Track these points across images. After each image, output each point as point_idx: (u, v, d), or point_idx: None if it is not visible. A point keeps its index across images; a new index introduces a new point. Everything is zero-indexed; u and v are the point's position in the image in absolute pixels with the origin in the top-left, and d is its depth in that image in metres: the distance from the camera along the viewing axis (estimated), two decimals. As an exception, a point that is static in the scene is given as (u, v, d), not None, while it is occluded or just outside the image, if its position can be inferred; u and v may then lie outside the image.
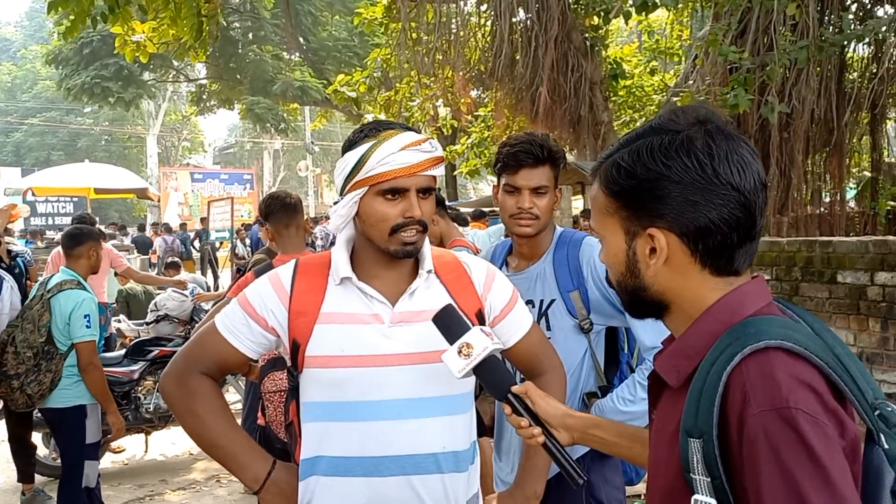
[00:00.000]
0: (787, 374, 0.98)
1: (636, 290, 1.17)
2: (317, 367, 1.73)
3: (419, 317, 1.74)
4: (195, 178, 30.49)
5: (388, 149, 1.69)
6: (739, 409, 0.98)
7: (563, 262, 2.33)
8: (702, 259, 1.10)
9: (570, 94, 9.18)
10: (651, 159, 1.09)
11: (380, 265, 1.78)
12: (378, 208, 1.71)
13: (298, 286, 1.78)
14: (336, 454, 1.73)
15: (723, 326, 1.08)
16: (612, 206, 1.16)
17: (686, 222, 1.08)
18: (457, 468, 1.77)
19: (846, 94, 8.39)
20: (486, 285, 1.87)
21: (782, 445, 0.94)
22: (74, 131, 41.77)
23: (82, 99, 24.57)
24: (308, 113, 30.59)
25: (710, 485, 1.00)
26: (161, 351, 6.20)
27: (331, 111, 21.50)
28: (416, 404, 1.73)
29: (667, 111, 1.16)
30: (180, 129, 45.30)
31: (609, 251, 1.19)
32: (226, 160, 49.95)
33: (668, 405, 1.16)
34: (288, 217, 3.79)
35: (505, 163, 2.32)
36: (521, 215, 2.29)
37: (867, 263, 4.72)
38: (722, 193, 1.07)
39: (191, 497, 5.53)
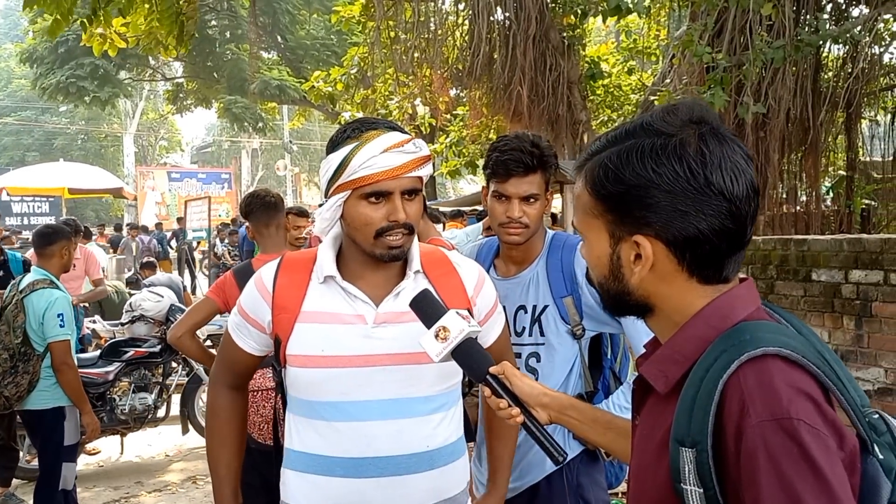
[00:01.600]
0: (785, 384, 0.94)
1: (619, 294, 1.14)
2: (297, 367, 1.72)
3: (403, 317, 1.72)
4: (172, 178, 30.24)
5: (370, 151, 1.66)
6: (737, 418, 0.94)
7: (557, 268, 2.28)
8: (689, 268, 1.06)
9: (548, 93, 9.18)
10: (641, 164, 1.04)
11: (366, 267, 1.76)
12: (362, 212, 1.68)
13: (281, 282, 1.77)
14: (317, 452, 1.72)
15: (714, 331, 1.04)
16: (597, 208, 1.11)
17: (674, 231, 1.04)
18: (441, 465, 1.76)
19: (822, 93, 8.46)
20: (477, 288, 1.85)
21: (783, 457, 0.90)
22: (50, 130, 41.28)
23: (58, 98, 24.29)
24: (286, 112, 30.43)
25: (703, 496, 0.97)
26: (136, 352, 6.15)
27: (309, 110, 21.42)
28: (400, 405, 1.71)
29: (660, 109, 1.10)
30: (157, 128, 44.88)
31: (592, 252, 1.15)
32: (203, 159, 49.58)
33: (654, 411, 1.12)
34: (268, 216, 3.76)
35: (494, 170, 2.24)
36: (510, 225, 2.23)
37: (841, 262, 4.76)
38: (713, 204, 1.02)
39: (166, 499, 5.49)
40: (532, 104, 9.12)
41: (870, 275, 4.56)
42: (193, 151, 52.16)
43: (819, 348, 1.04)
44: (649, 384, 1.12)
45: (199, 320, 3.66)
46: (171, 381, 6.50)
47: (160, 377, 6.37)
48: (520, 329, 2.28)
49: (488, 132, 11.52)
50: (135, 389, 6.14)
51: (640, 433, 1.16)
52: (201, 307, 3.67)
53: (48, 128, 41.24)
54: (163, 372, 6.40)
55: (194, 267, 17.75)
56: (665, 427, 1.04)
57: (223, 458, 1.93)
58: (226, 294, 3.56)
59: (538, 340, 2.26)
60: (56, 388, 4.12)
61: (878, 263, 4.52)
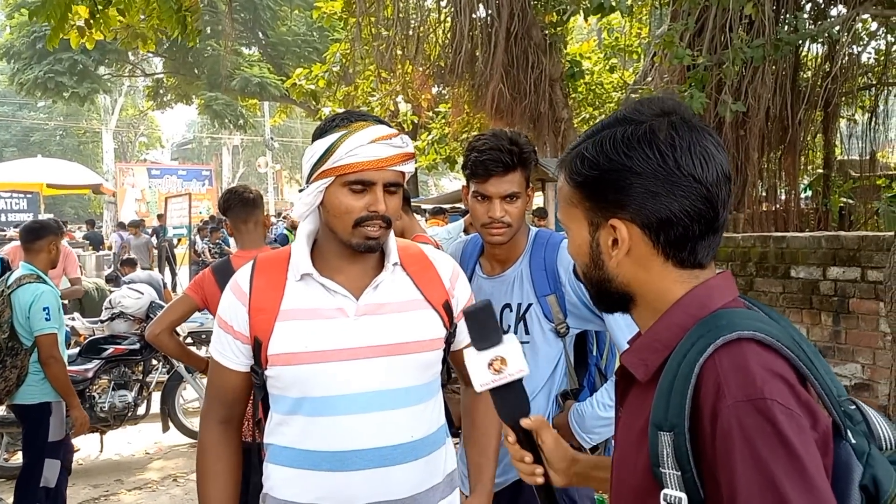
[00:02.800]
0: (760, 366, 0.97)
1: (601, 282, 1.17)
2: (280, 365, 1.71)
3: (384, 309, 1.73)
4: (152, 175, 29.96)
5: (358, 140, 1.66)
6: (713, 400, 0.97)
7: (540, 266, 2.27)
8: (664, 251, 1.10)
9: (529, 90, 9.21)
10: (613, 150, 1.09)
11: (343, 258, 1.76)
12: (343, 200, 1.68)
13: (257, 284, 1.76)
14: (301, 447, 1.71)
15: (692, 319, 1.08)
16: (576, 196, 1.15)
17: (647, 213, 1.08)
18: (425, 455, 1.76)
19: (800, 92, 8.54)
20: (452, 280, 1.87)
21: (757, 436, 0.93)
22: (28, 126, 40.86)
23: (35, 94, 24.02)
24: (267, 109, 30.29)
25: (681, 478, 0.99)
26: (116, 349, 6.09)
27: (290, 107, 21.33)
28: (383, 396, 1.71)
29: (633, 102, 1.15)
30: (137, 124, 44.53)
31: (574, 242, 1.19)
32: (184, 156, 49.28)
33: (636, 401, 1.15)
34: (246, 213, 3.73)
35: (473, 170, 2.22)
36: (493, 225, 2.22)
37: (820, 258, 4.81)
38: (683, 185, 1.06)
39: (146, 497, 5.45)
40: (514, 102, 9.15)
41: (847, 272, 4.61)
42: (174, 148, 51.82)
43: (797, 338, 1.07)
44: (632, 375, 1.15)
45: (176, 318, 3.64)
46: (151, 378, 6.45)
47: (140, 374, 6.32)
48: (505, 328, 2.28)
49: (470, 129, 11.54)
50: (114, 387, 6.09)
51: (623, 424, 1.19)
52: (179, 304, 3.64)
53: (26, 123, 40.83)
54: (143, 369, 6.34)
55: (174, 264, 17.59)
56: (646, 415, 1.06)
57: (214, 497, 1.83)
58: (204, 291, 3.54)
59: (523, 339, 2.26)
60: (44, 384, 4.11)
61: (855, 260, 4.57)
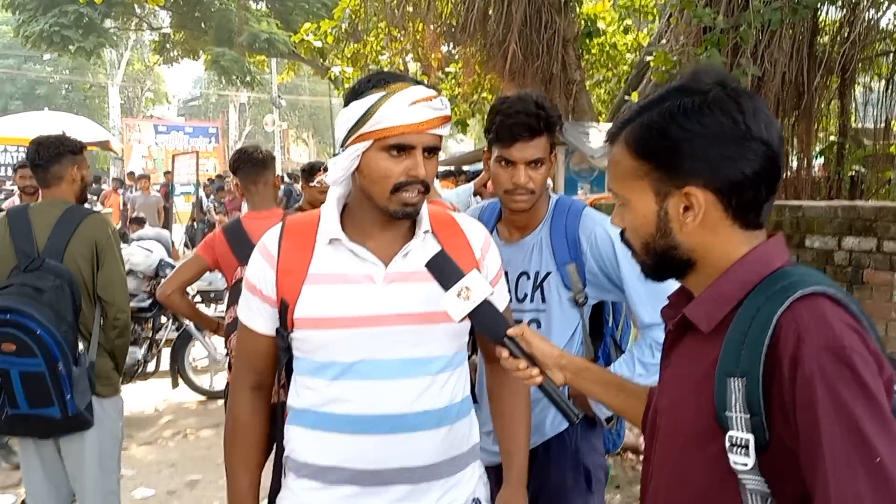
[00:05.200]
0: (836, 318, 1.05)
1: (666, 250, 1.21)
2: (307, 329, 1.69)
3: (413, 277, 1.70)
4: (159, 131, 29.81)
5: (398, 102, 1.61)
6: (793, 348, 1.04)
7: (561, 234, 2.23)
8: (734, 214, 1.16)
9: (542, 51, 9.07)
10: (685, 118, 1.13)
11: (375, 225, 1.73)
12: (382, 164, 1.64)
13: (285, 246, 1.74)
14: (325, 410, 1.70)
15: (755, 276, 1.15)
16: (642, 168, 1.19)
17: (722, 178, 1.13)
18: (449, 423, 1.74)
19: (817, 57, 8.40)
20: (484, 248, 1.83)
21: (838, 381, 1.00)
22: (33, 79, 40.58)
23: (41, 47, 23.78)
24: (275, 66, 30.00)
25: (749, 421, 1.07)
26: (125, 306, 6.11)
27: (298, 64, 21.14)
28: (410, 365, 1.69)
29: (685, 75, 1.19)
30: (143, 79, 44.19)
31: (637, 213, 1.22)
32: (190, 113, 48.98)
33: (693, 351, 1.21)
34: (256, 173, 3.70)
35: (498, 134, 2.17)
36: (516, 191, 2.17)
37: (835, 228, 4.76)
38: (754, 148, 1.12)
39: (157, 451, 5.51)
40: (526, 62, 9.02)
41: (863, 242, 4.57)
42: (180, 105, 51.50)
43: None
44: (684, 327, 1.23)
45: (188, 277, 3.65)
46: (160, 335, 6.48)
47: (150, 332, 6.36)
48: (521, 295, 2.26)
49: (481, 91, 11.41)
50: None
51: (673, 373, 1.27)
52: (190, 264, 3.65)
53: (31, 76, 40.54)
54: (152, 326, 6.38)
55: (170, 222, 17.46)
56: (707, 363, 1.14)
57: (244, 467, 1.84)
58: (215, 251, 3.54)
59: (539, 307, 2.24)
60: None
61: (871, 231, 4.52)
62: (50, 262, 3.02)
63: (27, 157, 3.31)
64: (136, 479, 4.91)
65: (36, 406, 2.93)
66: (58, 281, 2.99)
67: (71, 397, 2.93)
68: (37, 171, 3.27)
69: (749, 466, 1.06)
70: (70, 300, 3.02)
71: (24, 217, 3.13)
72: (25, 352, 2.84)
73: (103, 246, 3.19)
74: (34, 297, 2.91)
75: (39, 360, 2.84)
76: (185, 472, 5.10)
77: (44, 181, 3.27)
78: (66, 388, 2.91)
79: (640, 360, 2.16)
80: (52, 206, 3.21)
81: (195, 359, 6.69)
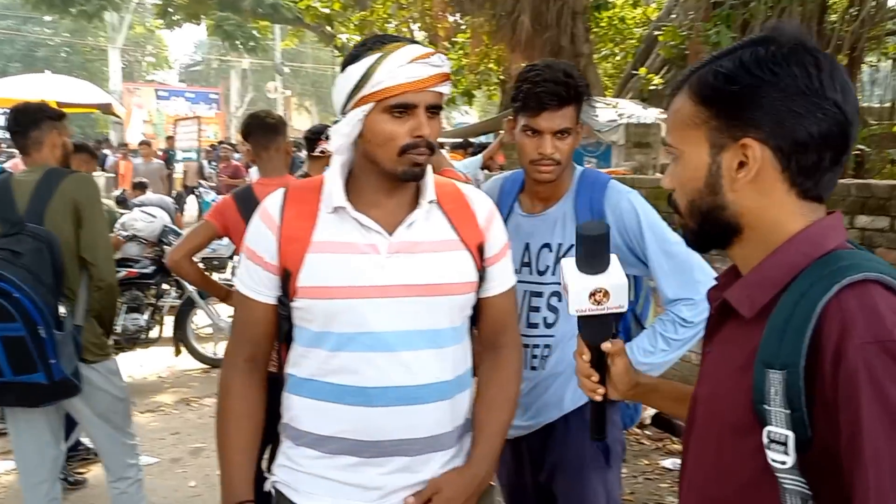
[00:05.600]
0: (889, 308, 0.95)
1: (712, 210, 1.12)
2: (309, 298, 1.66)
3: (418, 248, 1.67)
4: (160, 96, 29.63)
5: (396, 61, 1.58)
6: (837, 340, 0.94)
7: (586, 206, 2.18)
8: (791, 177, 1.06)
9: (551, 23, 8.98)
10: (757, 65, 1.05)
11: (380, 191, 1.69)
12: (386, 127, 1.60)
13: (288, 213, 1.70)
14: (326, 380, 1.68)
15: (805, 259, 1.05)
16: (701, 115, 1.10)
17: (785, 133, 1.04)
18: (450, 396, 1.72)
19: (826, 35, 8.34)
20: (488, 220, 1.80)
21: (885, 378, 0.91)
22: (33, 41, 40.22)
23: (41, 8, 23.53)
24: (279, 32, 29.72)
25: (789, 417, 0.98)
26: (128, 272, 6.10)
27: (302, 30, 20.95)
28: (412, 336, 1.67)
29: (767, 27, 1.11)
30: (145, 43, 43.79)
31: (688, 166, 1.13)
32: (191, 78, 48.58)
33: (734, 337, 1.12)
34: (267, 139, 3.65)
35: (525, 103, 2.11)
36: (542, 161, 2.12)
37: (848, 206, 4.72)
38: (826, 108, 1.03)
39: (160, 419, 5.52)
40: (535, 34, 8.93)
41: (876, 220, 4.53)
42: (181, 69, 51.11)
43: None
44: (727, 311, 1.13)
45: (197, 244, 3.61)
46: (163, 302, 6.48)
47: (153, 299, 6.35)
48: (543, 268, 2.23)
49: (488, 62, 11.31)
50: (127, 310, 6.12)
51: (714, 359, 1.18)
52: (200, 231, 3.61)
53: (31, 38, 40.17)
54: (155, 293, 6.37)
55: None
56: (748, 351, 1.05)
57: (237, 441, 1.76)
58: (224, 218, 3.50)
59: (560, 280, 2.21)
60: None
61: (884, 210, 4.49)
62: (30, 226, 2.93)
63: (7, 125, 3.24)
64: (139, 446, 4.91)
65: (20, 372, 2.84)
66: (36, 244, 2.89)
67: (56, 362, 2.85)
68: (16, 137, 3.18)
69: (788, 465, 0.98)
70: (49, 262, 2.92)
71: (6, 185, 3.06)
72: (4, 316, 2.76)
73: (84, 205, 3.09)
74: (11, 260, 2.81)
75: (19, 324, 2.76)
76: (188, 440, 5.12)
77: (24, 148, 3.19)
78: (49, 352, 2.83)
79: (663, 335, 2.13)
80: (33, 171, 3.14)
81: (198, 326, 6.67)
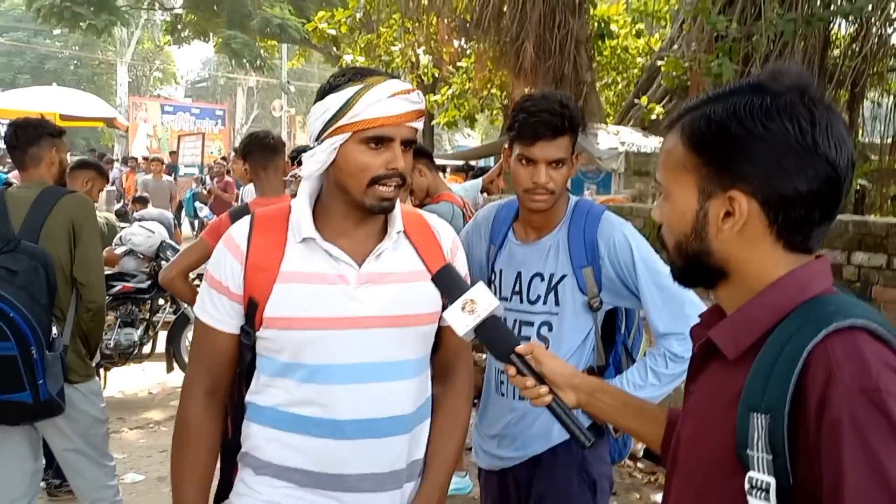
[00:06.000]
0: (874, 356, 0.94)
1: (698, 255, 1.12)
2: (277, 329, 1.64)
3: (386, 278, 1.67)
4: (165, 111, 29.70)
5: (377, 95, 1.59)
6: (822, 387, 0.94)
7: (579, 237, 2.19)
8: (778, 231, 1.06)
9: (555, 50, 9.04)
10: (749, 116, 1.03)
11: (349, 221, 1.69)
12: (360, 157, 1.61)
13: (255, 242, 1.68)
14: (290, 411, 1.66)
15: (790, 302, 1.04)
16: (692, 161, 1.09)
17: (772, 189, 1.03)
18: (414, 427, 1.73)
19: (828, 70, 8.37)
20: (453, 250, 1.82)
21: (869, 428, 0.90)
22: (42, 53, 40.45)
23: (52, 22, 23.70)
24: (286, 51, 29.92)
25: (772, 462, 0.96)
26: (124, 287, 6.08)
27: (309, 51, 21.10)
28: (380, 368, 1.67)
29: (767, 71, 1.09)
30: (152, 58, 44.07)
31: (675, 209, 1.13)
32: (198, 94, 48.85)
33: (717, 377, 1.12)
34: (266, 158, 3.66)
35: (520, 132, 2.14)
36: (535, 190, 2.14)
37: (845, 243, 4.71)
38: (817, 165, 1.01)
39: (148, 436, 5.48)
40: (538, 61, 8.98)
41: (873, 258, 4.53)
42: (188, 85, 51.39)
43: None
44: (711, 350, 1.12)
45: (192, 262, 3.61)
46: (157, 318, 6.46)
47: (147, 313, 6.33)
48: (534, 297, 2.22)
49: (491, 87, 11.37)
50: (121, 324, 6.10)
51: (697, 398, 1.17)
52: (195, 249, 3.61)
53: (41, 50, 40.42)
54: (150, 308, 6.35)
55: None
56: (731, 393, 1.04)
57: (190, 476, 1.73)
58: (220, 236, 3.49)
59: (552, 310, 2.20)
60: None
61: (882, 247, 4.48)
62: (25, 244, 2.90)
63: (4, 140, 3.22)
64: (126, 463, 4.88)
65: (6, 391, 2.80)
66: (32, 262, 2.88)
67: (43, 382, 2.82)
68: (14, 152, 3.17)
69: None
70: (45, 282, 2.91)
71: (1, 201, 3.04)
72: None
73: (80, 225, 3.10)
74: (7, 279, 2.80)
75: (11, 343, 2.73)
76: (176, 456, 5.07)
77: (21, 163, 3.18)
78: (38, 372, 2.79)
79: (653, 370, 2.12)
80: (29, 188, 3.13)
81: (192, 342, 6.63)
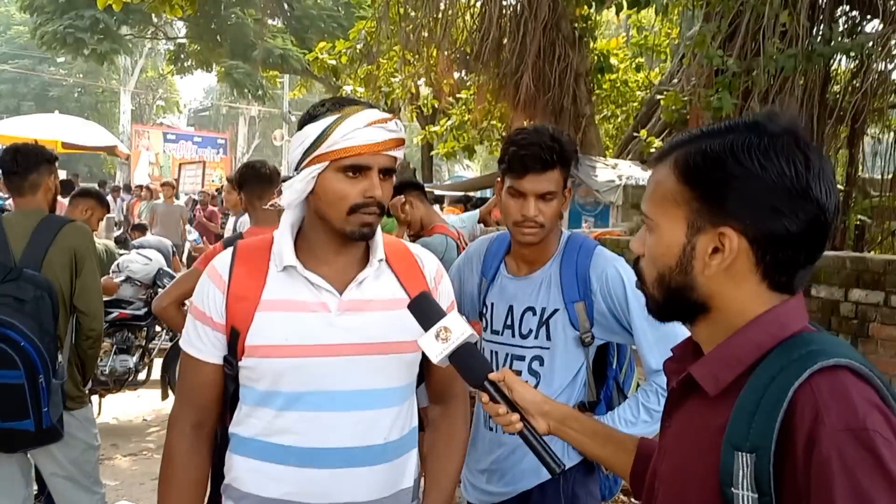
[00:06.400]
0: (860, 396, 0.96)
1: (681, 289, 1.11)
2: (258, 357, 1.64)
3: (368, 306, 1.67)
4: (168, 139, 29.91)
5: (354, 124, 1.60)
6: (809, 426, 0.94)
7: (572, 271, 2.18)
8: (765, 271, 1.07)
9: (554, 83, 9.10)
10: (747, 155, 1.04)
11: (329, 250, 1.69)
12: (338, 186, 1.62)
13: (237, 271, 1.69)
14: (271, 440, 1.65)
15: (771, 339, 1.05)
16: (683, 194, 1.09)
17: (764, 228, 1.04)
18: (396, 457, 1.71)
19: (828, 106, 8.41)
20: (437, 279, 1.81)
21: (858, 467, 0.91)
22: (47, 81, 40.77)
23: (55, 48, 23.92)
24: (287, 81, 30.16)
25: (757, 501, 0.97)
26: (120, 314, 6.06)
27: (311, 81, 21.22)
28: (362, 396, 1.66)
29: (762, 113, 1.10)
30: (156, 87, 44.42)
31: (661, 241, 1.12)
32: (200, 123, 49.17)
33: (697, 413, 1.12)
34: (262, 188, 3.66)
35: (510, 165, 2.13)
36: (525, 223, 2.13)
37: (843, 279, 4.71)
38: (807, 208, 1.03)
39: (141, 464, 5.43)
40: (537, 94, 9.04)
41: (870, 295, 4.52)
42: (190, 114, 51.76)
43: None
44: (689, 386, 1.12)
45: (184, 291, 3.58)
46: (153, 345, 6.43)
47: (143, 340, 6.30)
48: (525, 331, 2.21)
49: (491, 118, 11.43)
50: (116, 351, 6.07)
51: (675, 434, 1.17)
52: (189, 277, 3.58)
53: (45, 78, 40.74)
54: (146, 335, 6.32)
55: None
56: (712, 429, 1.04)
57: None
58: (215, 265, 3.49)
59: (544, 344, 2.19)
60: None
61: (879, 284, 4.48)
62: (28, 272, 2.91)
63: (3, 166, 3.20)
64: (119, 490, 4.83)
65: (8, 419, 2.79)
66: (38, 291, 2.89)
67: (47, 410, 2.82)
68: (12, 178, 3.16)
69: None
70: (51, 310, 2.93)
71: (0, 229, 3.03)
72: (7, 364, 2.74)
73: (82, 255, 3.12)
74: (16, 307, 2.81)
75: (20, 371, 2.74)
76: (168, 486, 5.02)
77: (19, 189, 3.16)
78: (43, 400, 2.80)
79: (646, 406, 2.11)
80: (26, 215, 3.12)
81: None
